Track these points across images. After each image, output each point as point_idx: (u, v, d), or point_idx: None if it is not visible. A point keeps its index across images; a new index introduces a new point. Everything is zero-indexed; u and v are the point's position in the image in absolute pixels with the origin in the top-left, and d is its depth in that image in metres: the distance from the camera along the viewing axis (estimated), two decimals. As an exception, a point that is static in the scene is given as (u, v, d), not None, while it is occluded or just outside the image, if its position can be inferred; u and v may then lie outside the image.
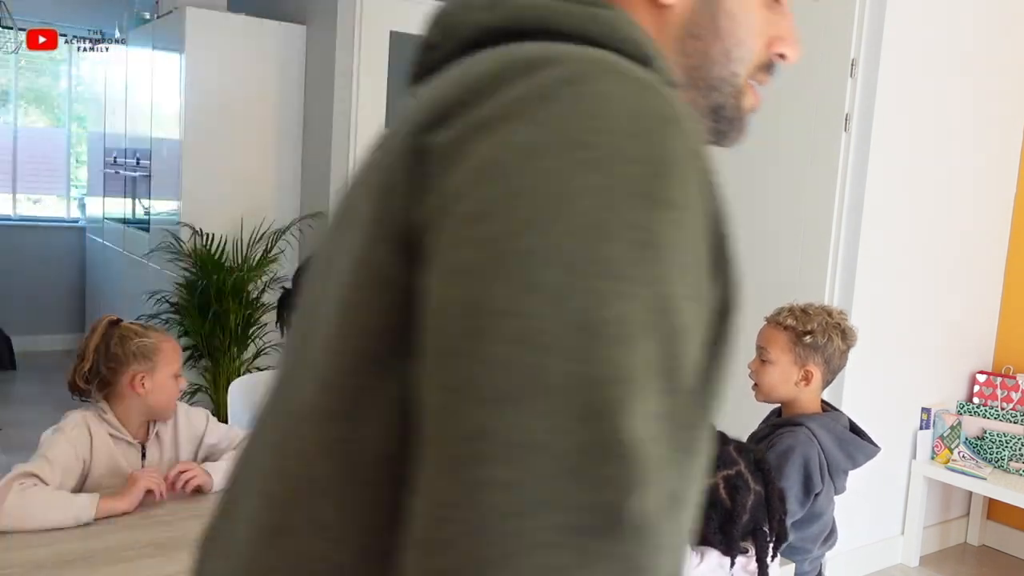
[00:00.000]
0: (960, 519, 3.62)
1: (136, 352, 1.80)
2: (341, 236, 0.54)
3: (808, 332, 1.70)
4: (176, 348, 1.89)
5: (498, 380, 0.40)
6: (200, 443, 1.93)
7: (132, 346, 1.80)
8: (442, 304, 0.43)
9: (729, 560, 1.35)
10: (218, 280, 4.12)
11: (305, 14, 4.53)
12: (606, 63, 0.48)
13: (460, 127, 0.47)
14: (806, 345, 1.70)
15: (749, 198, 3.21)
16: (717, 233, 0.49)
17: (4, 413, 4.67)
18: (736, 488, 1.35)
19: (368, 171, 0.54)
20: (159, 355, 1.82)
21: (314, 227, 4.38)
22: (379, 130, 2.83)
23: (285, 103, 4.57)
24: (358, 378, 0.48)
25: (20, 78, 6.34)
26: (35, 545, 1.52)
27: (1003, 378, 3.34)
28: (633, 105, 0.46)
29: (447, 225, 0.45)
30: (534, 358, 0.40)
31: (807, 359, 1.71)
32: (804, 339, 1.71)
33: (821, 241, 3.00)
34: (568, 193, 0.42)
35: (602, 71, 0.47)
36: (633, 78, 0.48)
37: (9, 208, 6.32)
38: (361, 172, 0.55)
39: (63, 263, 6.38)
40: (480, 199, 0.44)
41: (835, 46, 2.95)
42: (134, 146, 5.15)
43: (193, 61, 4.34)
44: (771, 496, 1.38)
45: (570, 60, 0.48)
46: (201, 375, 4.36)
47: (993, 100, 3.28)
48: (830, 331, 1.70)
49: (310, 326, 0.54)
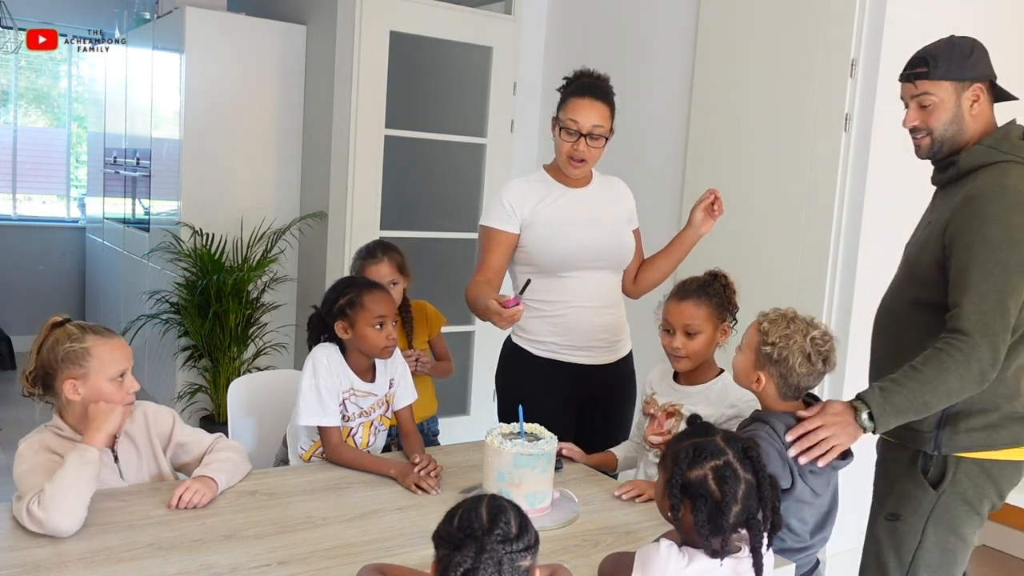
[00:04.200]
0: (960, 519, 3.63)
1: (65, 358, 1.71)
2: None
3: (770, 343, 1.72)
4: (116, 349, 1.76)
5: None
6: (169, 441, 1.91)
7: (61, 351, 1.71)
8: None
9: (719, 561, 1.35)
10: (218, 280, 4.13)
11: (305, 14, 4.53)
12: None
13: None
14: (764, 354, 1.74)
15: (749, 198, 3.21)
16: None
17: (4, 413, 4.67)
18: (724, 479, 1.34)
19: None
20: (90, 360, 1.71)
21: (314, 227, 4.38)
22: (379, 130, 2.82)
23: (285, 103, 4.57)
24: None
25: (20, 78, 6.34)
26: (35, 545, 1.53)
27: (1003, 378, 3.34)
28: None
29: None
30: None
31: (763, 366, 1.74)
32: (763, 347, 1.74)
33: (821, 241, 3.01)
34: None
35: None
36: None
37: (9, 208, 6.33)
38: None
39: (63, 263, 6.38)
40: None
41: (835, 46, 2.95)
42: (134, 146, 5.15)
43: (193, 61, 4.34)
44: (762, 484, 1.37)
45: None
46: (201, 375, 4.36)
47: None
48: (792, 352, 1.70)
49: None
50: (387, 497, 1.88)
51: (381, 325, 2.09)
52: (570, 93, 2.29)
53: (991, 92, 1.89)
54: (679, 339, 2.02)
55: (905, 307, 1.90)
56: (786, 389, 1.74)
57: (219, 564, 1.50)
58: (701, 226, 2.36)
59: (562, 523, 1.76)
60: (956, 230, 1.77)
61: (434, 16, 4.13)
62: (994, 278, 1.70)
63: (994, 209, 1.74)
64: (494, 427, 1.86)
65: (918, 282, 1.87)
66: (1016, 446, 1.84)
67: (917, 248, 1.92)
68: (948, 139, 1.87)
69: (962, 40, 1.88)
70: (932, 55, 1.86)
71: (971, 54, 1.86)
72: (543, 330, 2.36)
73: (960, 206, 1.79)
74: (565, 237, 2.30)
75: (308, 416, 2.06)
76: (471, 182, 4.46)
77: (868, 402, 1.70)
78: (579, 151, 2.27)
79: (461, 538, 1.07)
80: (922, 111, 1.87)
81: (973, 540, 1.91)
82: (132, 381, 1.78)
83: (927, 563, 1.86)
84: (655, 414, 2.09)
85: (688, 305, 2.03)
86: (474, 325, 4.36)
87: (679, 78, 3.63)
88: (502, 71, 4.29)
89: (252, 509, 1.76)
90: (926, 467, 1.84)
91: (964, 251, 1.74)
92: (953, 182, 1.89)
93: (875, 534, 1.91)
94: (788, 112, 3.11)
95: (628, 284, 2.49)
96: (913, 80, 1.88)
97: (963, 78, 1.85)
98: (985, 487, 1.84)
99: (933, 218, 1.91)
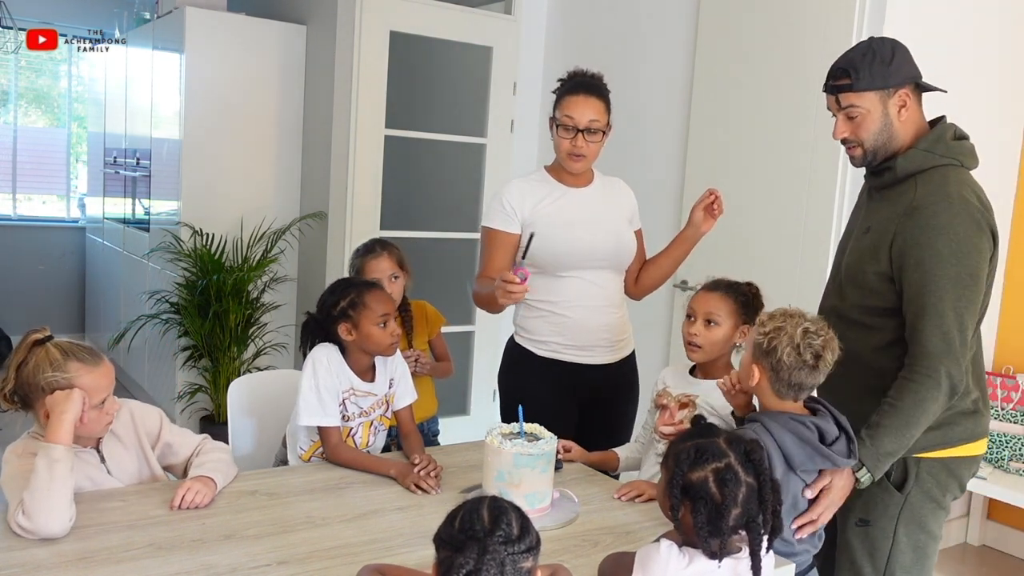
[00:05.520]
0: (960, 519, 3.63)
1: (46, 387, 1.66)
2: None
3: (762, 333, 1.73)
4: (100, 377, 1.71)
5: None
6: (158, 440, 1.90)
7: (42, 379, 1.66)
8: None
9: (717, 562, 1.34)
10: (218, 280, 4.12)
11: (305, 14, 4.53)
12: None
13: None
14: (756, 344, 1.75)
15: (750, 198, 3.21)
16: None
17: (4, 413, 4.66)
18: (725, 481, 1.34)
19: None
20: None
21: (314, 227, 4.38)
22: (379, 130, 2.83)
23: (285, 103, 4.57)
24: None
25: (20, 78, 6.34)
26: (35, 545, 1.53)
27: (1003, 378, 3.34)
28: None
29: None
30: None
31: (758, 359, 1.75)
32: (756, 338, 1.75)
33: (821, 241, 3.01)
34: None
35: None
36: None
37: (9, 208, 6.33)
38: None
39: (63, 263, 6.38)
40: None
41: (835, 46, 2.94)
42: (134, 146, 5.15)
43: (193, 61, 4.34)
44: (763, 487, 1.37)
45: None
46: (201, 375, 4.36)
47: (992, 101, 3.28)
48: (782, 342, 1.70)
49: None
50: (387, 497, 1.87)
51: (385, 323, 2.09)
52: (565, 92, 2.31)
53: (917, 92, 1.86)
54: (698, 326, 2.06)
55: (855, 312, 1.90)
56: (779, 384, 1.72)
57: (219, 564, 1.50)
58: (701, 225, 2.36)
59: (562, 523, 1.76)
60: (904, 245, 1.77)
61: (434, 16, 4.13)
62: (949, 295, 1.73)
63: (941, 221, 1.74)
64: (494, 427, 1.86)
65: (864, 290, 1.87)
66: (972, 440, 1.88)
67: (857, 256, 1.90)
68: (880, 147, 1.86)
69: (881, 44, 1.83)
70: (853, 66, 1.81)
71: (892, 59, 1.81)
72: (545, 330, 2.36)
73: (905, 218, 1.79)
74: (565, 237, 2.30)
75: (308, 416, 2.06)
76: (471, 182, 4.46)
77: (860, 456, 1.74)
78: (577, 146, 2.28)
79: (463, 540, 1.07)
80: (850, 122, 1.85)
81: (941, 534, 1.93)
82: (112, 403, 1.75)
83: (902, 564, 1.88)
84: (668, 404, 2.09)
85: (715, 296, 2.07)
86: (474, 325, 4.36)
87: (679, 78, 3.63)
88: (502, 71, 4.29)
89: (252, 509, 1.76)
90: (888, 471, 1.84)
91: (915, 268, 1.75)
92: (889, 187, 1.88)
93: (847, 540, 1.92)
94: (788, 112, 3.11)
95: (630, 285, 2.49)
96: (836, 93, 1.85)
97: (887, 86, 1.81)
98: (948, 482, 1.88)
99: (873, 226, 1.88)
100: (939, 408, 1.76)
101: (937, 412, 1.76)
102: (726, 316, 2.05)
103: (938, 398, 1.74)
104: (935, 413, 1.76)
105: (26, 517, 1.54)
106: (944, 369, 1.72)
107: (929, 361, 1.73)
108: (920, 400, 1.73)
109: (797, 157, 3.09)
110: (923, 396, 1.73)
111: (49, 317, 6.21)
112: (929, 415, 1.75)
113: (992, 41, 3.25)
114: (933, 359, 1.73)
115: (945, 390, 1.74)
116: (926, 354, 1.73)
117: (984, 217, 1.78)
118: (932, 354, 1.73)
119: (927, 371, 1.73)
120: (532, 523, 1.12)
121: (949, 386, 1.74)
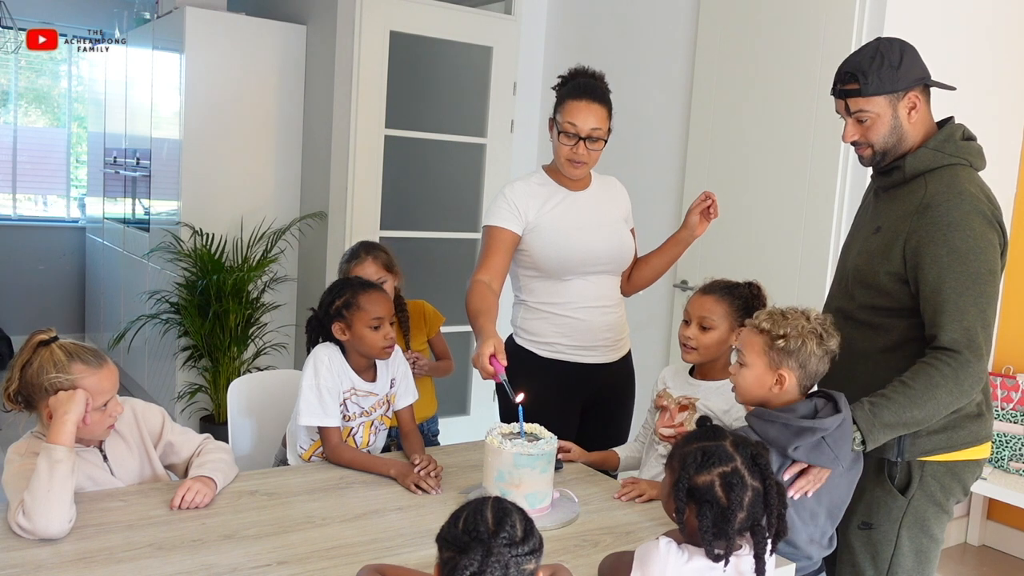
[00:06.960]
0: (960, 519, 3.63)
1: (49, 388, 1.66)
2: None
3: (781, 336, 1.70)
4: (104, 380, 1.71)
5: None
6: (160, 439, 1.90)
7: (46, 380, 1.66)
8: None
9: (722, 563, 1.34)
10: (218, 280, 4.12)
11: (305, 14, 4.53)
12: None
13: None
14: (779, 349, 1.70)
15: (750, 198, 3.21)
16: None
17: (4, 412, 4.66)
18: (731, 486, 1.34)
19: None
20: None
21: (314, 227, 4.38)
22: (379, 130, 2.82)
23: (285, 103, 4.56)
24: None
25: (20, 78, 6.34)
26: (35, 545, 1.53)
27: (1003, 378, 3.34)
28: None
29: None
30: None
31: (781, 363, 1.71)
32: (777, 343, 1.70)
33: (821, 241, 3.01)
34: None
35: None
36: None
37: (9, 208, 6.32)
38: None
39: (63, 263, 6.38)
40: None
41: (835, 46, 2.95)
42: (134, 146, 5.15)
43: (193, 61, 4.34)
44: (769, 491, 1.37)
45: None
46: (201, 375, 4.36)
47: (992, 101, 3.28)
48: (805, 336, 1.69)
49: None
50: (387, 497, 1.87)
51: (378, 326, 2.08)
52: (566, 95, 2.27)
53: (926, 92, 1.85)
54: (693, 330, 2.05)
55: (864, 313, 1.88)
56: (805, 379, 1.72)
57: (219, 564, 1.50)
58: (696, 228, 2.37)
59: (562, 523, 1.76)
60: (919, 243, 1.75)
61: (434, 16, 4.13)
62: (969, 291, 1.71)
63: (955, 217, 1.73)
64: (494, 427, 1.86)
65: (874, 291, 1.85)
66: (976, 444, 1.86)
67: (867, 257, 1.88)
68: (890, 148, 1.85)
69: (889, 47, 1.81)
70: (861, 71, 1.80)
71: (901, 62, 1.79)
72: (549, 331, 2.36)
73: (917, 216, 1.77)
74: (572, 243, 2.30)
75: (308, 416, 2.06)
76: (471, 182, 4.46)
77: (856, 419, 1.69)
78: (578, 154, 2.26)
79: (467, 541, 1.07)
80: (860, 126, 1.84)
81: (943, 537, 1.92)
82: (115, 405, 1.75)
83: (904, 567, 1.87)
84: (668, 406, 2.09)
85: (709, 299, 2.06)
86: (474, 325, 4.35)
87: (679, 78, 3.63)
88: (502, 71, 4.29)
89: (252, 509, 1.76)
90: (892, 474, 1.84)
91: (933, 265, 1.73)
92: (898, 186, 1.87)
93: (849, 543, 1.91)
94: (788, 111, 3.11)
95: (622, 282, 2.49)
96: (845, 98, 1.84)
97: (896, 89, 1.80)
98: (952, 486, 1.87)
99: (883, 225, 1.87)
100: (951, 401, 1.71)
101: (947, 404, 1.72)
102: (721, 319, 2.03)
103: (953, 390, 1.70)
104: (945, 406, 1.72)
105: (26, 517, 1.54)
106: (966, 364, 1.69)
107: (951, 352, 1.70)
108: (933, 384, 1.70)
109: (797, 157, 3.09)
110: (937, 382, 1.70)
111: (49, 317, 6.23)
112: (939, 404, 1.71)
113: (992, 41, 3.25)
114: (955, 352, 1.70)
115: (965, 386, 1.70)
116: (946, 346, 1.71)
117: (994, 215, 1.78)
118: (953, 347, 1.70)
119: (947, 360, 1.70)
120: (535, 525, 1.12)
121: (969, 384, 1.71)
